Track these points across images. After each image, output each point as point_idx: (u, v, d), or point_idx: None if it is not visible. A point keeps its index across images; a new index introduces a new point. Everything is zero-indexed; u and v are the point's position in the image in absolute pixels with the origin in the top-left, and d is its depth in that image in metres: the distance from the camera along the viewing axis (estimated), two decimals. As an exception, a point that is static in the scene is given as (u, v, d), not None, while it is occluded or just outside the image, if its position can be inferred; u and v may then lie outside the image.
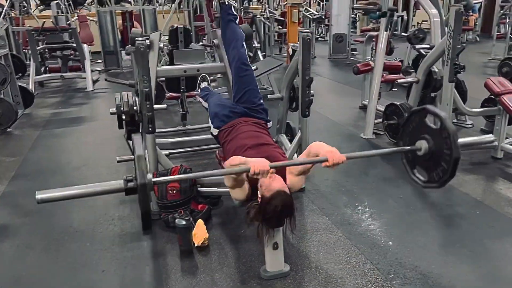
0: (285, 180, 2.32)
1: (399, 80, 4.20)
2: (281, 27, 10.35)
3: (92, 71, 7.45)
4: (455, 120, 4.60)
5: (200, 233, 2.67)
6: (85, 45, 7.43)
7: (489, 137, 3.10)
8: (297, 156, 3.14)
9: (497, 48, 8.72)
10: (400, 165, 2.37)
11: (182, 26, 4.29)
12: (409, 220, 2.99)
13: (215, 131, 2.71)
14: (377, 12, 4.28)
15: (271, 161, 2.35)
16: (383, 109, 4.54)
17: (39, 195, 1.88)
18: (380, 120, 4.58)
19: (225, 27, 3.16)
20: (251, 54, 8.27)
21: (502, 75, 4.81)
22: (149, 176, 2.11)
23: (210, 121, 2.82)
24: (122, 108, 3.05)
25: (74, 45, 7.29)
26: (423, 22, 12.51)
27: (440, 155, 2.03)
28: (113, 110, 3.15)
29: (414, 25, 13.13)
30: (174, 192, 2.86)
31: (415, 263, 2.46)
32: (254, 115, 2.71)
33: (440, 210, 3.14)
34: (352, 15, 9.60)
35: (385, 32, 4.42)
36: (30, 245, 2.78)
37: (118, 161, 3.48)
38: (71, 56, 7.52)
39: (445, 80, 3.52)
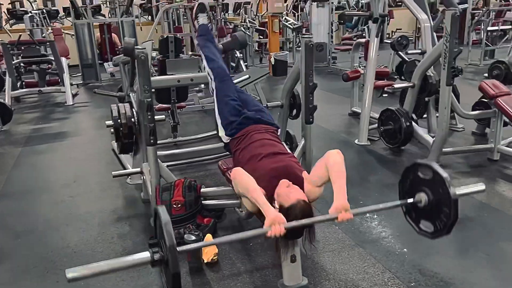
0: (302, 188, 2.23)
1: (395, 85, 4.20)
2: (261, 37, 10.34)
3: (71, 84, 7.21)
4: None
5: (209, 248, 2.55)
6: (63, 58, 7.20)
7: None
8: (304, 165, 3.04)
9: (473, 53, 8.93)
10: (400, 172, 2.35)
11: (172, 35, 4.19)
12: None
13: (226, 139, 2.60)
14: (353, 21, 4.31)
15: (289, 172, 2.26)
16: (374, 115, 4.53)
17: (69, 275, 1.73)
18: (373, 126, 4.58)
19: (206, 47, 3.04)
20: (233, 64, 8.26)
21: (493, 78, 4.89)
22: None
23: (219, 120, 2.67)
24: (119, 120, 2.92)
25: (52, 58, 7.04)
26: (397, 31, 12.77)
27: (440, 201, 2.05)
28: (109, 122, 3.02)
29: (388, 34, 13.41)
30: (179, 206, 2.74)
31: (434, 270, 2.41)
32: (265, 120, 2.62)
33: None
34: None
35: (376, 38, 4.42)
36: (25, 269, 2.59)
37: (114, 176, 3.32)
38: (49, 70, 7.26)
39: (443, 84, 3.52)
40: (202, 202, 2.89)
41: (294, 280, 2.29)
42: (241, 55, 8.13)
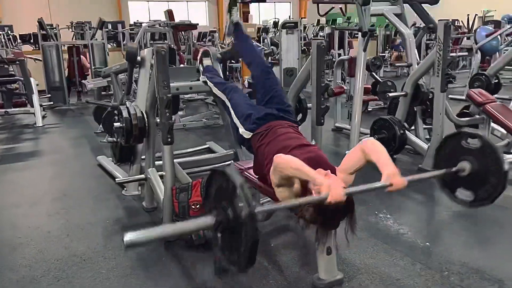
0: None
1: (390, 94, 4.33)
2: (233, 62, 10.44)
3: (40, 105, 6.90)
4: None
5: (234, 248, 2.44)
6: (32, 79, 6.90)
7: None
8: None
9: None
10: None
11: (167, 45, 4.14)
12: (435, 221, 2.99)
13: (247, 134, 2.53)
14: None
15: (321, 162, 2.22)
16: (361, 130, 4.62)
17: (127, 238, 1.51)
18: (361, 138, 4.66)
19: (243, 44, 3.12)
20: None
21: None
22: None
23: (237, 121, 2.62)
24: (130, 121, 2.81)
25: (21, 78, 6.74)
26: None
27: (487, 172, 2.07)
28: (118, 124, 2.90)
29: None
30: (198, 207, 2.62)
31: (462, 260, 2.42)
32: (287, 118, 2.59)
33: (458, 211, 3.16)
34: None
35: (363, 52, 4.56)
36: (32, 279, 2.37)
37: (117, 183, 3.16)
38: (16, 91, 6.93)
39: (437, 90, 3.67)
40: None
41: (330, 274, 2.23)
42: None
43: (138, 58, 3.53)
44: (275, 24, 13.16)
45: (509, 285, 2.18)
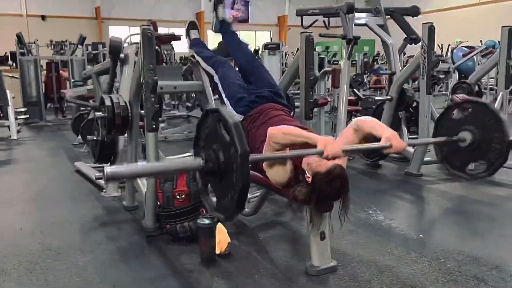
0: None
1: (376, 98, 4.33)
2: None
3: (16, 119, 6.68)
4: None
5: (223, 238, 2.32)
6: (8, 91, 6.71)
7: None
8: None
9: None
10: (385, 180, 2.34)
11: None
12: (426, 217, 2.94)
13: (238, 117, 2.45)
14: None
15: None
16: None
17: (108, 170, 1.44)
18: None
19: (230, 39, 3.06)
20: (189, 104, 8.17)
21: (457, 98, 5.23)
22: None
23: (227, 102, 2.53)
24: (113, 110, 2.70)
25: (-4, 90, 6.54)
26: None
27: (489, 144, 2.03)
28: (100, 114, 2.78)
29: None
30: (183, 197, 2.50)
31: (458, 249, 2.35)
32: (279, 101, 2.53)
33: (449, 208, 3.13)
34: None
35: (347, 61, 4.59)
36: (2, 271, 2.18)
37: (97, 179, 3.00)
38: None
39: (422, 93, 3.69)
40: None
41: (323, 261, 2.12)
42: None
43: (121, 55, 3.44)
44: (256, 52, 13.35)
45: (507, 270, 2.11)
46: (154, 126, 2.52)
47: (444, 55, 11.99)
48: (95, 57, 11.77)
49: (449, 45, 13.23)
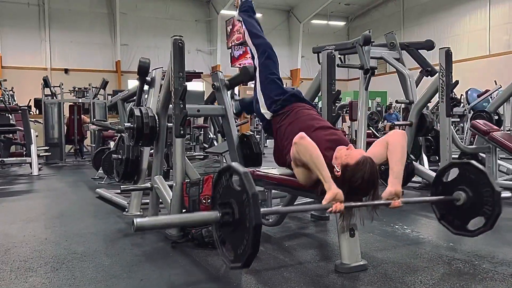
0: None
1: (396, 122, 4.36)
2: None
3: (38, 155, 6.83)
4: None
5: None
6: (32, 130, 6.91)
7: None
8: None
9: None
10: (409, 204, 2.38)
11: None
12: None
13: (269, 115, 2.49)
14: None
15: (344, 145, 2.16)
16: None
17: (137, 221, 1.64)
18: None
19: (252, 20, 2.87)
20: (206, 145, 8.29)
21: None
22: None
23: (261, 98, 2.54)
24: (142, 120, 2.78)
25: (21, 128, 6.74)
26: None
27: (480, 208, 2.12)
28: (128, 124, 2.86)
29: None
30: (209, 201, 2.50)
31: (491, 254, 2.29)
32: (307, 100, 2.59)
33: (477, 223, 3.04)
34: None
35: (365, 91, 4.68)
36: (30, 267, 2.17)
37: (122, 191, 3.03)
38: (15, 140, 6.89)
39: (442, 115, 3.72)
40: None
41: (353, 258, 2.07)
42: (214, 136, 8.23)
43: (148, 78, 3.58)
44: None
45: (546, 271, 2.03)
46: (182, 132, 2.57)
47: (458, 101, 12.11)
48: (114, 105, 12.17)
49: (461, 95, 13.43)
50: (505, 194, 2.34)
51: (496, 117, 4.87)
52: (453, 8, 16.49)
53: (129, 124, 2.84)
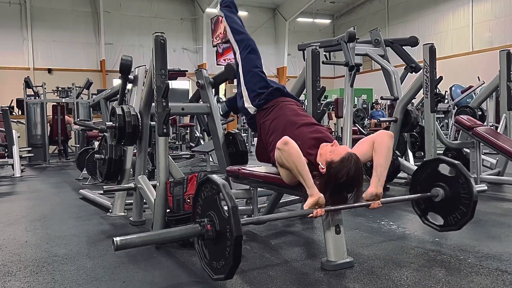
0: None
1: (381, 119, 4.36)
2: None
3: (20, 157, 6.70)
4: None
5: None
6: (14, 131, 6.77)
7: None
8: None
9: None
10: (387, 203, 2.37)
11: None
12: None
13: (253, 110, 2.45)
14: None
15: (328, 143, 2.14)
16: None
17: (118, 240, 1.66)
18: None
19: (234, 16, 2.81)
20: (192, 145, 8.22)
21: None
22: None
23: (245, 92, 2.51)
24: (124, 118, 2.73)
25: (3, 129, 6.61)
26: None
27: (458, 200, 2.15)
28: (110, 123, 2.81)
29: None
30: (194, 201, 2.46)
31: (476, 249, 2.29)
32: (292, 95, 2.56)
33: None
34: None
35: (350, 88, 4.67)
36: (8, 271, 2.11)
37: (105, 192, 2.98)
38: (-4, 142, 6.75)
39: (427, 111, 3.73)
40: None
41: (339, 255, 2.05)
42: (201, 135, 8.17)
43: (131, 76, 3.53)
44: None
45: (530, 264, 2.04)
46: (165, 131, 2.53)
47: (443, 97, 12.21)
48: (97, 105, 12.02)
49: (445, 91, 13.55)
50: (479, 187, 2.38)
51: (480, 113, 4.92)
52: (437, 5, 16.62)
53: (111, 123, 2.79)
